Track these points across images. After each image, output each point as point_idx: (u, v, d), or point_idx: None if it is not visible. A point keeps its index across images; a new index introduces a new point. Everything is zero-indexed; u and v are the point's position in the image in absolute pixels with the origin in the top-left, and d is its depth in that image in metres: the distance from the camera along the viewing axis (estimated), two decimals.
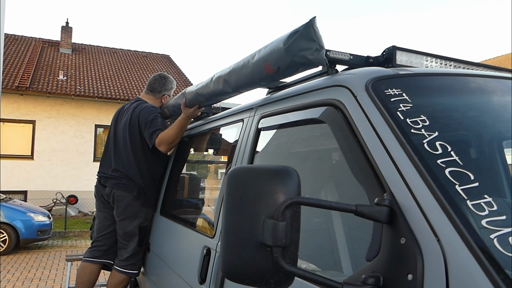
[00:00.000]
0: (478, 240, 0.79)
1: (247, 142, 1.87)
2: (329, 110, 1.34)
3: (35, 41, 18.51)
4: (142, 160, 2.91)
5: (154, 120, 2.87)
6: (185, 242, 2.30)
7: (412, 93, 1.20)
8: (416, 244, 0.86)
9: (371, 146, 1.08)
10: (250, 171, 0.93)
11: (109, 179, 2.96)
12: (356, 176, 1.13)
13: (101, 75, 16.75)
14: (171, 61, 21.23)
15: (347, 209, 0.91)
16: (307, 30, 1.52)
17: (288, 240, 0.87)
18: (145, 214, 2.91)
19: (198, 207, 2.87)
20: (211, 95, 2.35)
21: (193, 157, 3.45)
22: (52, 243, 9.77)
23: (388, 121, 1.08)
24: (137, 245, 2.89)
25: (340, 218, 1.70)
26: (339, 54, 1.62)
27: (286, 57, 1.59)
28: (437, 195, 0.88)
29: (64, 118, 14.68)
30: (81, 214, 13.90)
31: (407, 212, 0.91)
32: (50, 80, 14.83)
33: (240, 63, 1.95)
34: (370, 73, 1.30)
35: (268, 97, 1.90)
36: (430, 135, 1.03)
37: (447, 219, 0.84)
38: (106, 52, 19.78)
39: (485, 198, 0.87)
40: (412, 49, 1.70)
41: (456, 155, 0.97)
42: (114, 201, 2.91)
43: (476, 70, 1.80)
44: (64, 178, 14.37)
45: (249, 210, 0.90)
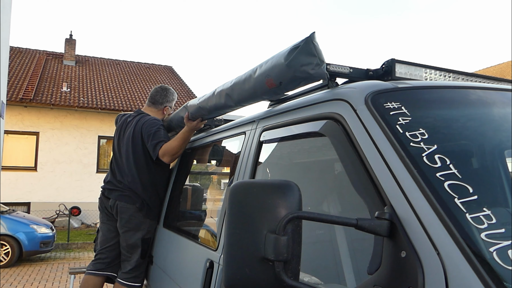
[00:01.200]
0: (478, 253, 0.80)
1: (249, 155, 1.88)
2: (330, 123, 1.35)
3: (39, 54, 18.68)
4: (145, 172, 2.93)
5: (157, 132, 2.90)
6: (188, 255, 2.31)
7: (411, 107, 1.21)
8: (417, 257, 0.87)
9: (371, 159, 1.10)
10: (252, 186, 0.94)
11: (112, 191, 2.98)
12: (357, 189, 1.14)
13: (104, 86, 16.86)
14: (173, 72, 21.36)
15: (347, 223, 0.92)
16: (307, 45, 1.54)
17: (289, 254, 0.88)
18: (148, 226, 2.92)
19: (201, 219, 2.87)
20: (214, 109, 2.37)
21: (196, 169, 3.47)
22: (55, 255, 9.76)
23: (387, 135, 1.10)
24: (140, 257, 2.89)
25: (343, 230, 1.71)
26: (339, 68, 1.64)
27: (287, 72, 1.61)
28: (437, 208, 0.89)
29: (68, 130, 14.76)
30: (84, 226, 13.90)
31: (407, 225, 0.92)
32: (53, 92, 14.94)
33: (242, 78, 1.97)
34: (369, 87, 1.32)
35: (270, 110, 1.91)
36: (429, 148, 1.04)
37: (447, 232, 0.85)
38: (109, 63, 19.94)
39: (484, 211, 0.88)
40: (411, 62, 1.72)
41: (455, 168, 0.98)
42: (117, 213, 2.93)
43: (475, 81, 1.82)
44: (67, 189, 14.40)
45: (251, 224, 0.91)
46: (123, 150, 3.03)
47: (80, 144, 14.88)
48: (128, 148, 2.98)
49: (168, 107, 3.31)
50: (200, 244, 2.17)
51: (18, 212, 9.37)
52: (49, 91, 14.89)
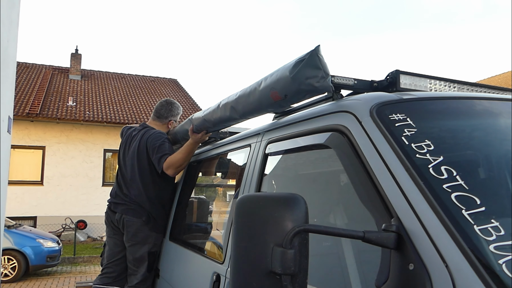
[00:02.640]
0: (487, 266, 0.80)
1: (254, 167, 1.88)
2: (335, 135, 1.35)
3: (46, 69, 18.89)
4: (151, 186, 2.94)
5: (162, 145, 2.92)
6: (195, 268, 2.30)
7: (416, 118, 1.21)
8: (425, 269, 0.86)
9: (376, 171, 1.09)
10: (258, 199, 0.94)
11: (118, 205, 2.99)
12: (363, 201, 1.14)
13: (110, 100, 16.99)
14: (178, 85, 21.49)
15: (354, 235, 0.91)
16: (312, 58, 1.55)
17: (297, 267, 0.87)
18: (154, 239, 2.92)
19: (207, 232, 2.87)
20: (219, 121, 2.38)
21: (201, 182, 3.47)
22: (61, 269, 9.74)
23: (393, 147, 1.10)
24: (146, 271, 2.89)
25: (350, 242, 1.70)
26: (343, 80, 1.65)
27: (292, 85, 1.62)
28: (444, 220, 0.88)
29: (73, 144, 14.84)
30: (90, 239, 13.89)
31: (415, 237, 0.91)
32: (59, 107, 15.07)
33: (247, 91, 1.98)
34: (374, 99, 1.32)
35: (275, 122, 1.92)
36: (435, 159, 1.04)
37: (455, 245, 0.84)
38: (114, 77, 20.10)
39: (492, 223, 0.88)
40: (415, 73, 1.73)
41: (462, 179, 0.98)
42: (124, 227, 2.93)
43: (480, 92, 1.82)
44: (73, 203, 14.43)
45: (257, 237, 0.91)
46: (129, 163, 3.04)
47: (86, 157, 14.95)
48: (133, 162, 3.00)
49: (173, 121, 3.34)
50: (207, 257, 2.16)
51: (24, 226, 9.40)
52: (55, 106, 15.02)
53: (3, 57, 3.20)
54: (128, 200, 2.95)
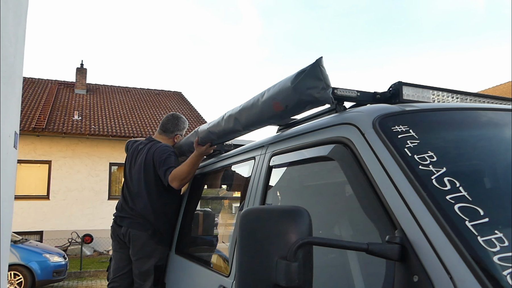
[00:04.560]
0: (491, 277, 0.79)
1: (259, 179, 1.89)
2: (338, 147, 1.36)
3: (51, 83, 19.08)
4: (156, 199, 2.95)
5: (168, 158, 2.93)
6: (201, 281, 2.29)
7: (418, 129, 1.22)
8: (429, 281, 0.86)
9: (380, 183, 1.10)
10: (262, 212, 0.95)
11: (124, 219, 3.00)
12: (367, 213, 1.14)
13: (115, 114, 17.10)
14: (183, 98, 21.61)
15: (358, 247, 0.92)
16: (314, 69, 1.57)
17: (301, 280, 0.87)
18: (160, 253, 2.91)
19: (212, 245, 2.86)
20: (223, 133, 2.40)
21: (207, 194, 3.47)
22: (68, 284, 9.72)
23: (396, 158, 1.10)
24: (152, 285, 2.88)
25: (355, 254, 1.69)
26: (346, 92, 1.66)
27: (293, 96, 1.63)
28: (448, 232, 0.88)
29: (79, 158, 14.92)
30: (96, 253, 13.87)
31: (419, 249, 0.91)
32: (65, 121, 15.19)
33: (250, 102, 2.00)
34: (377, 111, 1.33)
35: (279, 135, 1.93)
36: (438, 171, 1.04)
37: (459, 256, 0.84)
38: (119, 91, 20.26)
39: (496, 234, 0.88)
40: (418, 84, 1.74)
41: (465, 190, 0.98)
42: (130, 241, 2.93)
43: (483, 102, 1.82)
44: (79, 217, 14.45)
45: (261, 250, 0.92)
46: (135, 177, 3.05)
47: (92, 171, 15.01)
48: (140, 175, 3.01)
49: (179, 136, 3.35)
50: (212, 270, 2.16)
51: (31, 241, 9.41)
52: (61, 120, 15.14)
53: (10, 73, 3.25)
54: (134, 213, 2.96)
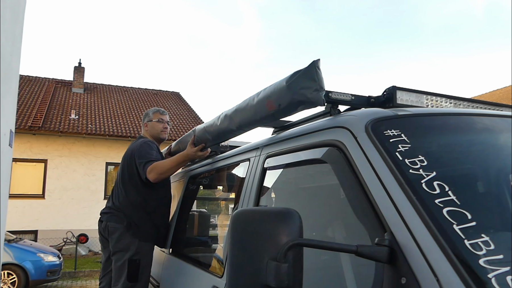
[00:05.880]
0: (476, 280, 0.81)
1: (253, 181, 1.90)
2: (331, 150, 1.38)
3: (48, 82, 19.05)
4: (134, 192, 2.92)
5: (148, 153, 2.91)
6: (194, 282, 2.30)
7: (410, 134, 1.23)
8: (417, 283, 0.87)
9: (371, 186, 1.11)
10: (253, 213, 0.96)
11: (105, 214, 2.98)
12: (357, 215, 1.16)
13: (112, 113, 17.08)
14: (181, 98, 21.61)
15: (347, 249, 0.93)
16: (310, 70, 1.59)
17: (291, 281, 0.89)
18: (137, 247, 2.81)
19: (207, 245, 2.87)
20: (217, 133, 2.41)
21: (202, 195, 3.48)
22: (62, 283, 9.69)
23: (387, 162, 1.12)
24: (126, 279, 2.75)
25: (348, 256, 1.71)
26: (340, 95, 1.68)
27: (287, 94, 1.65)
28: (436, 235, 0.90)
29: (76, 157, 14.88)
30: (91, 253, 13.83)
31: (407, 251, 0.93)
32: (62, 120, 15.16)
33: (246, 102, 2.02)
34: (369, 115, 1.34)
35: (273, 137, 1.95)
36: (428, 175, 1.06)
37: (446, 259, 0.86)
38: (117, 90, 20.24)
39: (482, 237, 0.89)
40: (411, 89, 1.76)
41: (454, 194, 1.00)
42: (108, 234, 2.89)
43: (476, 107, 1.84)
44: (74, 217, 14.41)
45: (252, 251, 0.93)
46: (119, 172, 3.08)
47: (88, 170, 14.98)
48: (121, 169, 3.04)
49: (146, 123, 3.31)
50: (206, 270, 2.17)
51: (25, 240, 9.36)
52: (57, 119, 15.11)
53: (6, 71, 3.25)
54: (113, 207, 2.95)
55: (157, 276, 3.05)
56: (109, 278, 2.99)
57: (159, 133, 3.26)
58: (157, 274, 3.05)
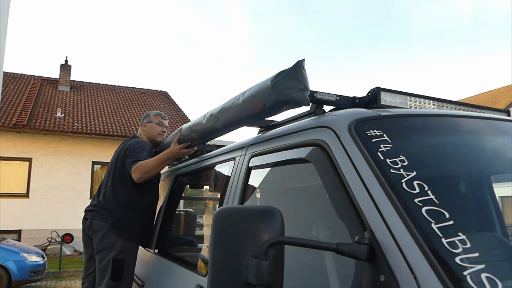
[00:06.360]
0: (452, 277, 0.83)
1: (238, 180, 1.91)
2: (315, 150, 1.39)
3: (34, 79, 18.78)
4: (121, 191, 2.89)
5: (139, 152, 2.89)
6: (179, 281, 2.30)
7: (392, 134, 1.25)
8: (395, 281, 0.89)
9: (352, 185, 1.13)
10: (235, 211, 0.97)
11: (90, 211, 2.95)
12: (339, 214, 1.17)
13: (99, 112, 16.92)
14: (168, 98, 21.50)
15: (328, 247, 0.94)
16: (294, 70, 1.60)
17: (271, 278, 0.89)
18: (121, 246, 2.78)
19: (191, 245, 2.86)
20: (203, 132, 2.41)
21: (187, 194, 3.47)
22: (46, 284, 9.57)
23: (369, 162, 1.13)
24: (110, 279, 2.72)
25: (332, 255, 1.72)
26: (325, 95, 1.69)
27: (272, 94, 1.66)
28: (414, 233, 0.91)
29: (61, 156, 14.70)
30: (76, 253, 13.67)
31: (386, 250, 0.94)
32: (47, 118, 14.96)
33: (231, 101, 2.02)
34: (353, 115, 1.36)
35: (259, 136, 1.95)
36: (408, 175, 1.08)
37: (423, 257, 0.87)
38: (104, 89, 20.06)
39: (459, 236, 0.91)
40: (396, 90, 1.78)
41: (433, 194, 1.01)
42: (93, 232, 2.86)
43: (459, 109, 1.87)
44: (60, 216, 14.23)
45: (234, 249, 0.93)
46: (109, 169, 3.06)
47: (74, 169, 14.81)
48: (110, 167, 3.02)
49: (146, 123, 3.32)
50: (191, 269, 2.17)
51: (8, 240, 9.22)
52: (43, 117, 14.92)
53: None
54: (99, 205, 2.91)
55: (142, 276, 3.04)
56: (92, 278, 2.95)
57: (156, 136, 3.29)
58: (142, 273, 3.03)
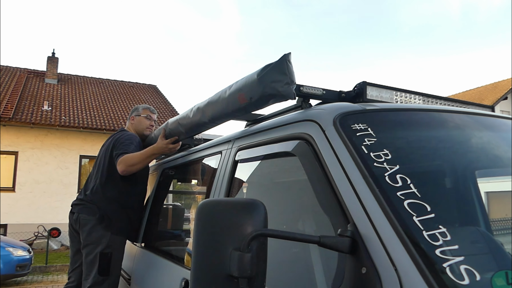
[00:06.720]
0: (432, 269, 0.84)
1: (224, 174, 1.91)
2: (301, 144, 1.39)
3: (20, 72, 18.50)
4: (109, 185, 2.87)
5: (126, 145, 2.87)
6: (165, 274, 2.29)
7: (376, 128, 1.26)
8: (376, 273, 0.90)
9: (336, 178, 1.13)
10: (218, 204, 0.97)
11: (77, 205, 2.93)
12: (324, 207, 1.18)
13: (87, 105, 16.74)
14: (157, 91, 21.35)
15: (310, 240, 0.94)
16: (280, 64, 1.60)
17: (254, 271, 0.89)
18: (108, 240, 2.77)
19: (178, 239, 2.86)
20: (190, 125, 2.40)
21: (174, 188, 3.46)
22: (32, 278, 9.49)
23: (353, 155, 1.14)
24: (97, 273, 2.70)
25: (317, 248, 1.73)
26: (312, 89, 1.69)
27: (258, 88, 1.66)
28: (396, 226, 0.92)
29: (48, 149, 14.54)
30: (64, 248, 13.56)
31: (368, 242, 0.95)
32: (34, 111, 14.77)
33: (218, 94, 2.01)
34: (338, 109, 1.36)
35: (245, 130, 1.95)
36: (392, 168, 1.08)
37: (404, 249, 0.88)
38: (92, 82, 19.84)
39: (440, 228, 0.92)
40: (381, 84, 1.79)
41: (415, 187, 1.02)
42: (79, 226, 2.84)
43: (444, 104, 1.89)
44: (46, 210, 14.09)
45: (217, 242, 0.93)
46: (97, 163, 3.03)
47: (61, 163, 14.66)
48: (98, 160, 3.00)
49: (134, 117, 3.31)
50: (177, 263, 2.17)
51: None
52: (29, 110, 14.72)
53: None
54: (86, 198, 2.89)
55: (128, 270, 3.03)
56: (78, 273, 2.93)
57: (144, 129, 3.28)
58: (129, 267, 3.02)
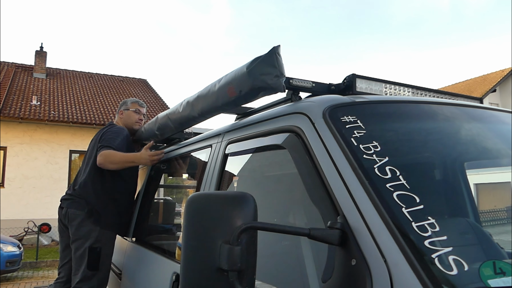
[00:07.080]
0: (421, 260, 0.84)
1: (215, 167, 1.90)
2: (290, 136, 1.39)
3: (8, 66, 18.24)
4: (98, 179, 2.85)
5: (112, 138, 2.85)
6: (156, 268, 2.29)
7: (366, 120, 1.26)
8: (366, 265, 0.90)
9: (326, 170, 1.13)
10: (208, 197, 0.96)
11: (66, 200, 2.91)
12: (314, 200, 1.18)
13: (76, 100, 16.57)
14: (148, 86, 21.20)
15: (300, 232, 0.94)
16: (270, 56, 1.59)
17: (243, 264, 0.89)
18: (97, 235, 2.75)
19: (169, 233, 2.85)
20: (180, 120, 2.39)
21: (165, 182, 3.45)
22: (22, 274, 9.42)
23: (342, 147, 1.14)
24: (86, 268, 2.69)
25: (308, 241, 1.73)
26: (301, 82, 1.69)
27: (247, 80, 1.65)
28: (385, 218, 0.93)
29: (37, 144, 14.39)
30: (54, 243, 13.47)
31: (358, 234, 0.95)
32: (22, 106, 14.59)
33: (207, 88, 2.00)
34: (327, 101, 1.36)
35: (235, 123, 1.94)
36: (381, 160, 1.08)
37: (393, 241, 0.88)
38: (81, 76, 19.63)
39: (428, 220, 0.92)
40: (370, 77, 1.79)
41: (404, 179, 1.03)
42: (68, 221, 2.82)
43: (433, 96, 1.90)
44: (36, 206, 13.97)
45: (206, 235, 0.93)
46: (85, 158, 3.01)
47: (51, 158, 14.52)
48: (88, 156, 2.98)
49: (122, 111, 3.29)
50: (168, 257, 2.16)
51: None
52: (17, 105, 14.53)
53: None
54: (74, 193, 2.87)
55: (119, 264, 3.02)
56: (68, 268, 2.90)
57: (133, 124, 3.26)
58: (120, 262, 3.01)
